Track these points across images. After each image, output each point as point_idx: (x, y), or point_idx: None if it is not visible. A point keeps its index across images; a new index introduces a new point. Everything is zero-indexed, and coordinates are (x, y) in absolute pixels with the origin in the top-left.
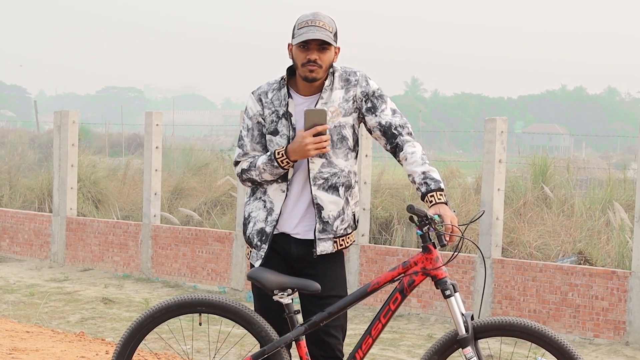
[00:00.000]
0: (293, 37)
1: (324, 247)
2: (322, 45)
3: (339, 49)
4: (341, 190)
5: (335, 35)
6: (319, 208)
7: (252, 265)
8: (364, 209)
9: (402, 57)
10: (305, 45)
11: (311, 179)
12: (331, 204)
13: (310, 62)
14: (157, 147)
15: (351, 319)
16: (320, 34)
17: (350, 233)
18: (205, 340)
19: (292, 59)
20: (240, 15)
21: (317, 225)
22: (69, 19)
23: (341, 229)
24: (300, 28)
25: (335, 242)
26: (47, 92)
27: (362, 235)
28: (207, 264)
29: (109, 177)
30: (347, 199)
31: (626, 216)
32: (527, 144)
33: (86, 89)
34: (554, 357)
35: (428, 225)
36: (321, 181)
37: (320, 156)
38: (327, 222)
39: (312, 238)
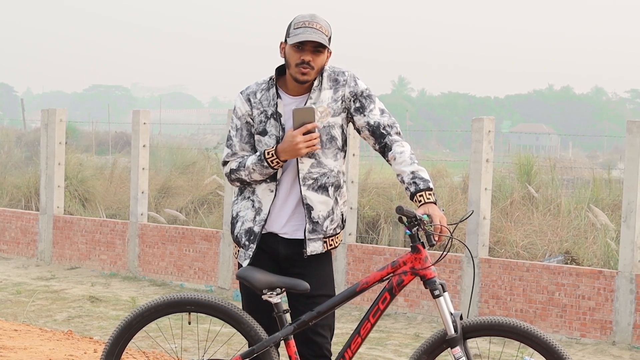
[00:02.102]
0: (288, 37)
1: (314, 247)
2: (317, 48)
3: (330, 52)
4: (330, 190)
5: (330, 38)
6: (308, 208)
7: (239, 265)
8: (351, 208)
9: (389, 56)
10: (301, 46)
11: (300, 179)
12: (321, 204)
13: (303, 63)
14: (144, 146)
15: (338, 318)
16: (317, 36)
17: (339, 233)
18: (192, 338)
19: (285, 58)
20: (228, 14)
21: (307, 225)
22: (56, 16)
23: (331, 229)
24: (297, 28)
25: (325, 242)
26: (34, 90)
27: (350, 234)
28: (194, 262)
29: (96, 175)
30: (336, 199)
31: (606, 218)
32: (514, 143)
33: (73, 87)
34: (542, 357)
35: (417, 226)
36: (310, 181)
37: (310, 156)
38: (317, 222)
39: (300, 238)
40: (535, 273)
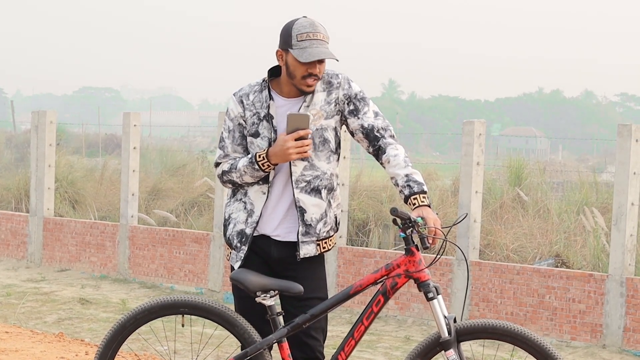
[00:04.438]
0: (291, 47)
1: (307, 249)
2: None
3: None
4: (323, 192)
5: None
6: (301, 211)
7: (232, 267)
8: (341, 211)
9: (380, 59)
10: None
11: (293, 182)
12: (313, 206)
13: (311, 76)
14: (134, 148)
15: (329, 321)
16: (325, 49)
17: (332, 235)
18: (182, 341)
19: (287, 67)
20: (218, 16)
21: (300, 228)
22: (46, 18)
23: (324, 232)
24: (302, 40)
25: (319, 244)
26: (24, 92)
27: (340, 237)
28: (184, 265)
29: (86, 177)
30: (329, 201)
31: (602, 220)
32: (503, 146)
33: (63, 89)
34: (535, 359)
35: (411, 228)
36: (303, 184)
37: (303, 159)
38: (310, 224)
39: (293, 240)
40: (526, 276)
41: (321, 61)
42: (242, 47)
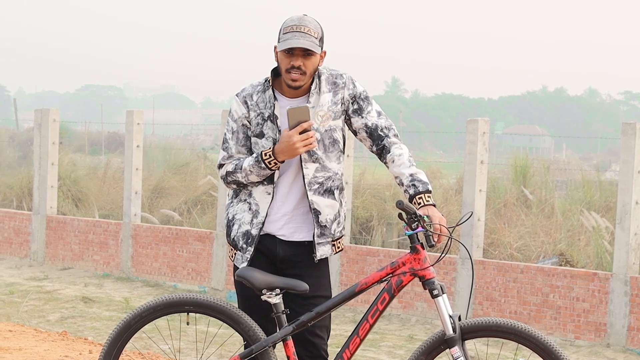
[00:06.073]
0: (278, 41)
1: (324, 250)
2: (307, 52)
3: (324, 52)
4: (336, 193)
5: (322, 40)
6: (316, 213)
7: (235, 267)
8: (346, 210)
9: (383, 57)
10: (290, 51)
11: (306, 184)
12: (328, 207)
13: (294, 69)
14: (138, 146)
15: (332, 319)
16: (305, 40)
17: (344, 235)
18: (185, 339)
19: (277, 62)
20: (220, 14)
21: (316, 229)
22: (48, 15)
23: (338, 232)
24: (286, 33)
25: (334, 245)
26: (26, 90)
27: (343, 235)
28: (187, 263)
29: (89, 175)
30: (340, 201)
31: (601, 220)
32: (507, 145)
33: (65, 87)
34: (540, 358)
35: (417, 222)
36: (316, 186)
37: (314, 161)
38: (325, 225)
39: (298, 240)
40: (530, 275)
41: (307, 55)
42: (245, 46)
